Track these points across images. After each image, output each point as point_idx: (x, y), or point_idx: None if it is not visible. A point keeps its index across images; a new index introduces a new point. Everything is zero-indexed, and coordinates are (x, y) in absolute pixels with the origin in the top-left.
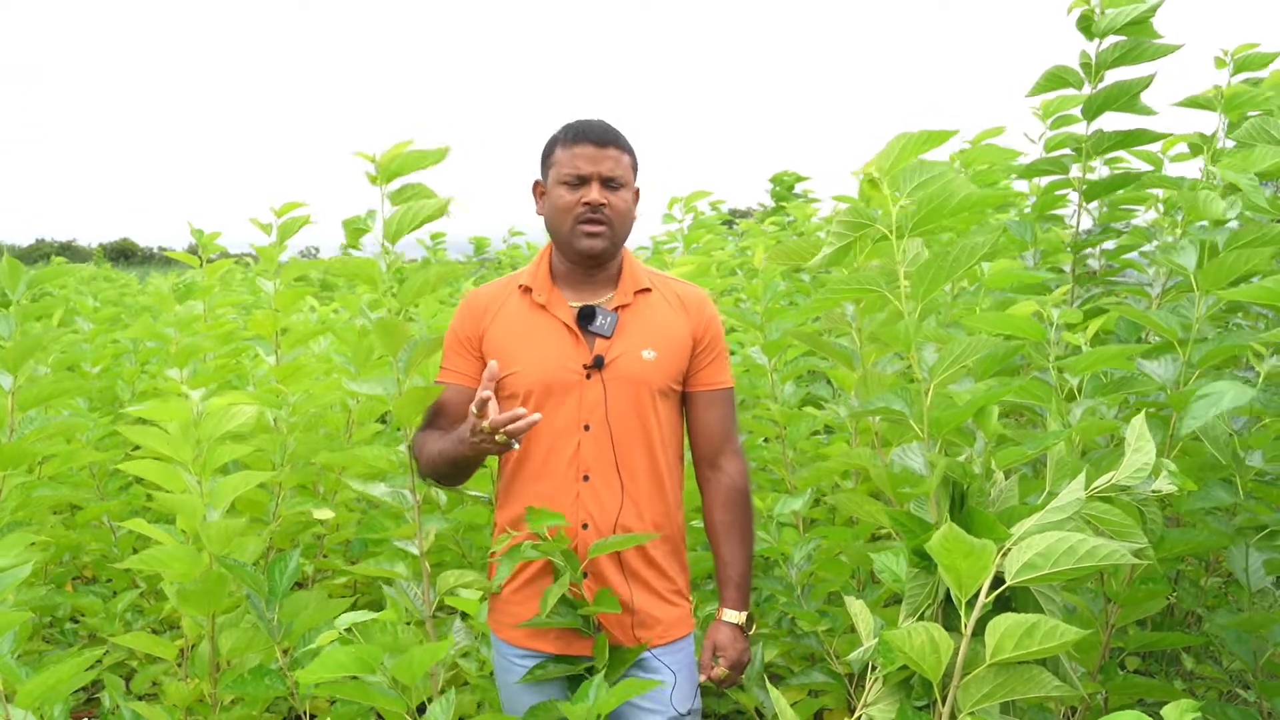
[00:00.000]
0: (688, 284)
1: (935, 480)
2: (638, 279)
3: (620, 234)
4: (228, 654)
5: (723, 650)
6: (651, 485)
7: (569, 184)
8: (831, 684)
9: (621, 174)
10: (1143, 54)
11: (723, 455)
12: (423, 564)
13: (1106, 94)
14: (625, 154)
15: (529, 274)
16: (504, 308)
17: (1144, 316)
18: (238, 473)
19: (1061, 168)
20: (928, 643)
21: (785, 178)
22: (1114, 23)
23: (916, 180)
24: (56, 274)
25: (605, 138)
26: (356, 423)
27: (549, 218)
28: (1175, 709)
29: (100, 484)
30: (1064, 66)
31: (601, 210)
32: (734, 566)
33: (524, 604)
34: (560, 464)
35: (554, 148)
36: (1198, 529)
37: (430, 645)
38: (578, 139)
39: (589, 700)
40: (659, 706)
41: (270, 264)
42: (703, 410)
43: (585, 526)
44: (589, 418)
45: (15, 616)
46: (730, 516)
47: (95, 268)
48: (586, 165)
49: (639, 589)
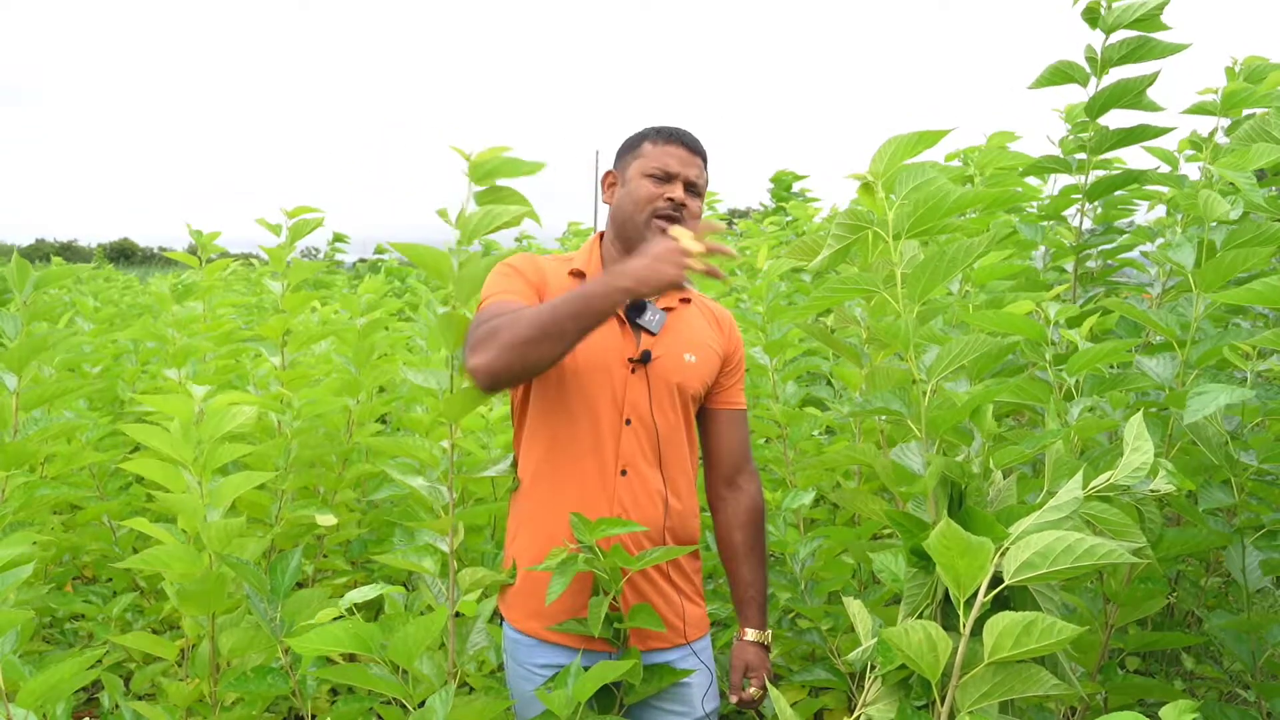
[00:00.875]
0: (717, 303)
1: (932, 480)
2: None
3: None
4: (228, 654)
5: (754, 671)
6: (684, 485)
7: (655, 177)
8: (833, 681)
9: (702, 184)
10: (1150, 51)
11: (741, 475)
12: (451, 561)
13: (1111, 91)
14: (706, 169)
15: (581, 260)
16: (559, 282)
17: (1143, 315)
18: (238, 473)
19: (1065, 166)
20: (925, 641)
21: (785, 177)
22: (1122, 18)
23: (911, 183)
24: (62, 275)
25: (697, 147)
26: (356, 423)
27: (622, 206)
28: (1174, 709)
29: (100, 484)
30: (1069, 61)
31: (682, 210)
32: (755, 586)
33: (542, 594)
34: (599, 457)
35: (642, 141)
36: (1196, 528)
37: (425, 618)
38: (671, 139)
39: (566, 689)
40: (685, 709)
41: (279, 265)
42: (724, 428)
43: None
44: (631, 412)
45: (16, 616)
46: (750, 537)
47: (95, 268)
48: (676, 165)
49: (670, 589)
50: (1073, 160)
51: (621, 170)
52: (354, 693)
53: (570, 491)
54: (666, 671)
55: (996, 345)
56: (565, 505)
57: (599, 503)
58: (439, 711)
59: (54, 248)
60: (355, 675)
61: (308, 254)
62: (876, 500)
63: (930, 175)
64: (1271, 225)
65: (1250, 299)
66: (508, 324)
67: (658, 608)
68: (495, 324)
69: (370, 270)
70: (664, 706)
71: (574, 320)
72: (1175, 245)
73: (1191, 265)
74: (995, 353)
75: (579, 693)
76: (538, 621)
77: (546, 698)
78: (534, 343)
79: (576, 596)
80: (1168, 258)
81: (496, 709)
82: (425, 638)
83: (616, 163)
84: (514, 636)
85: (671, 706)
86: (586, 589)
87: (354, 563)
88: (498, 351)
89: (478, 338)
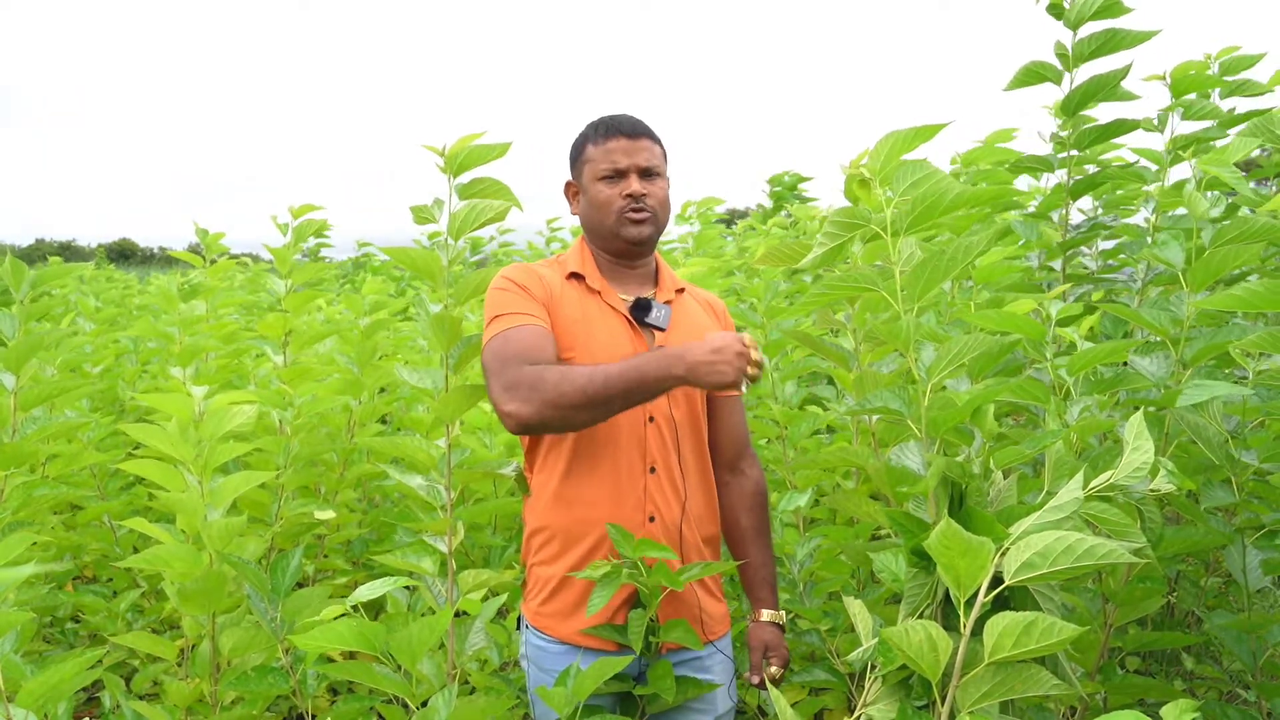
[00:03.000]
0: (706, 291)
1: (933, 480)
2: (675, 279)
3: (662, 221)
4: (228, 653)
5: (774, 650)
6: (705, 480)
7: (608, 178)
8: (833, 681)
9: (656, 164)
10: (1120, 42)
11: (744, 459)
12: (450, 561)
13: (1085, 88)
14: (656, 144)
15: (575, 262)
16: (562, 288)
17: (1133, 314)
18: (239, 472)
19: (1046, 165)
20: (926, 641)
21: (785, 178)
22: (1085, 10)
23: (909, 179)
24: (60, 273)
25: (636, 129)
26: (358, 423)
27: (588, 215)
28: (1174, 709)
29: (101, 484)
30: (1040, 61)
31: (644, 200)
32: (766, 568)
33: (582, 599)
34: (627, 456)
35: (584, 145)
36: (1195, 527)
37: (429, 618)
38: (609, 134)
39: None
40: (706, 706)
41: (284, 265)
42: (726, 414)
43: (651, 519)
44: (653, 410)
45: (17, 616)
46: (757, 520)
47: (96, 267)
48: (623, 158)
49: (697, 587)
50: (1054, 159)
51: (578, 179)
52: (354, 691)
53: (603, 493)
54: (692, 684)
55: (997, 344)
56: (599, 507)
57: (630, 502)
58: (442, 710)
59: (54, 248)
60: (359, 672)
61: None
62: (871, 503)
63: (927, 171)
64: (1257, 219)
65: (1234, 305)
66: (554, 381)
67: (685, 606)
68: (540, 376)
69: (356, 267)
70: (686, 704)
71: (623, 399)
72: (1161, 244)
73: (1181, 264)
74: (995, 352)
75: (579, 691)
76: (570, 629)
77: (545, 693)
78: (578, 409)
79: (609, 602)
80: (1156, 256)
81: (498, 708)
82: (429, 637)
83: (571, 171)
84: (539, 643)
85: (692, 704)
86: (620, 595)
87: (354, 563)
88: (539, 407)
89: (515, 381)
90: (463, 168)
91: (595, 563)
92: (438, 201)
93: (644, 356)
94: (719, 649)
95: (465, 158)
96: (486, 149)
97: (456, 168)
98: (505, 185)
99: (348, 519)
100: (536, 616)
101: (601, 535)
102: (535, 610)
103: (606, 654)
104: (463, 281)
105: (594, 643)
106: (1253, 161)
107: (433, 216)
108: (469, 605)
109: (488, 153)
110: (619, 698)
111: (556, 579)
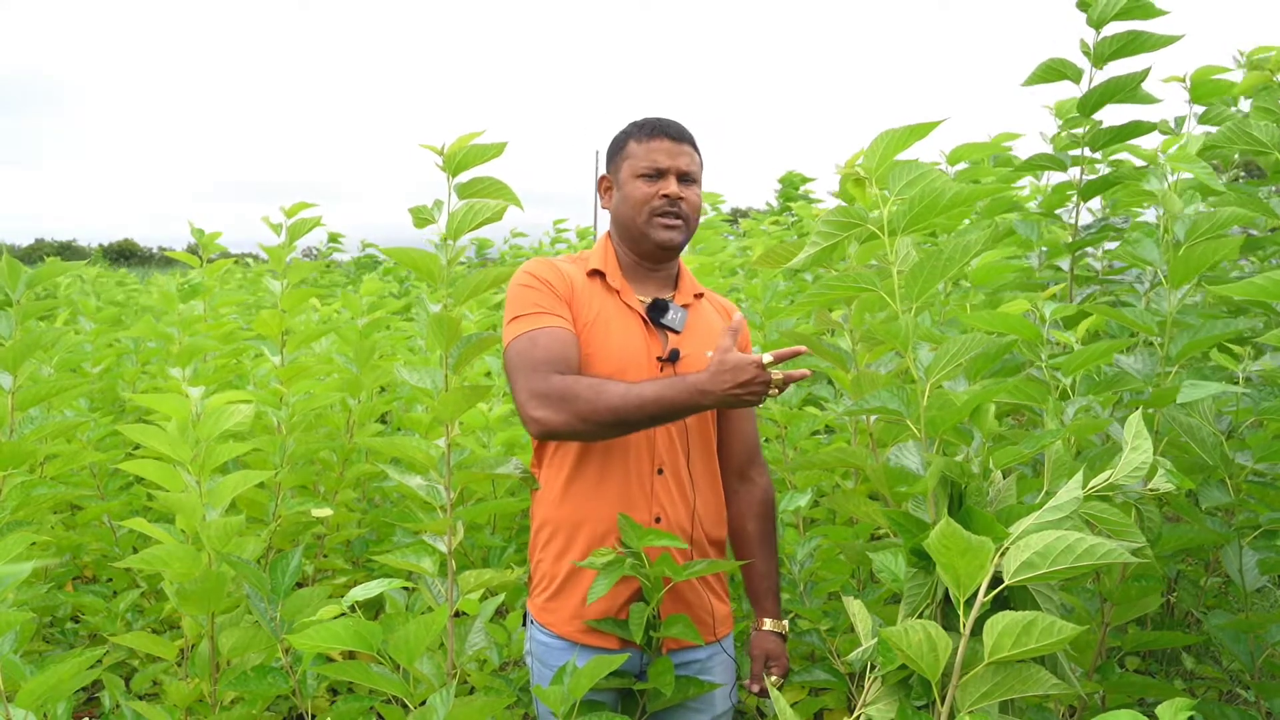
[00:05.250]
0: (724, 297)
1: (932, 480)
2: (694, 283)
3: (693, 228)
4: (228, 653)
5: (776, 659)
6: (713, 484)
7: (647, 176)
8: (833, 681)
9: (695, 171)
10: (1143, 44)
11: (753, 467)
12: (450, 561)
13: (1104, 87)
14: (697, 153)
15: (598, 260)
16: (582, 285)
17: (1117, 314)
18: (237, 472)
19: (1059, 164)
20: (925, 641)
21: (794, 178)
22: (1110, 8)
23: (905, 178)
24: (56, 272)
25: (682, 134)
26: (357, 423)
27: (620, 211)
28: (1169, 708)
29: (101, 484)
30: (1061, 59)
31: (679, 204)
32: (770, 577)
33: (582, 595)
34: (636, 456)
35: (627, 141)
36: (1192, 525)
37: (427, 617)
38: (654, 134)
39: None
40: (706, 706)
41: (278, 264)
42: (737, 421)
43: (658, 520)
44: None
45: (16, 616)
46: (763, 528)
47: (90, 264)
48: (664, 159)
49: (701, 586)
50: (1065, 157)
51: (614, 173)
52: (354, 692)
53: (612, 492)
54: (694, 683)
55: (994, 345)
56: (608, 507)
57: (639, 503)
58: (440, 710)
59: (53, 248)
60: (356, 672)
61: (307, 254)
62: (870, 503)
63: (923, 170)
64: (1223, 211)
65: (1252, 293)
66: (587, 397)
67: (690, 605)
68: (571, 389)
69: (358, 267)
70: (686, 704)
71: (651, 421)
72: (1134, 242)
73: (1159, 261)
74: (993, 352)
75: (575, 690)
76: (574, 625)
77: (541, 692)
78: (607, 425)
79: (614, 597)
80: (1133, 255)
81: (496, 708)
82: (426, 637)
83: (608, 166)
84: (545, 640)
85: (691, 703)
86: (623, 588)
87: (354, 562)
88: (569, 418)
89: (546, 390)
90: (461, 167)
91: (598, 550)
92: (437, 202)
93: (674, 386)
94: (723, 648)
95: (464, 157)
96: (484, 148)
97: (455, 167)
98: (504, 184)
99: (347, 519)
100: (541, 612)
101: (607, 531)
102: (540, 605)
103: (607, 651)
104: (462, 281)
105: (596, 640)
106: (1252, 162)
107: (432, 217)
108: (468, 605)
109: (485, 152)
110: (620, 694)
111: (562, 574)
